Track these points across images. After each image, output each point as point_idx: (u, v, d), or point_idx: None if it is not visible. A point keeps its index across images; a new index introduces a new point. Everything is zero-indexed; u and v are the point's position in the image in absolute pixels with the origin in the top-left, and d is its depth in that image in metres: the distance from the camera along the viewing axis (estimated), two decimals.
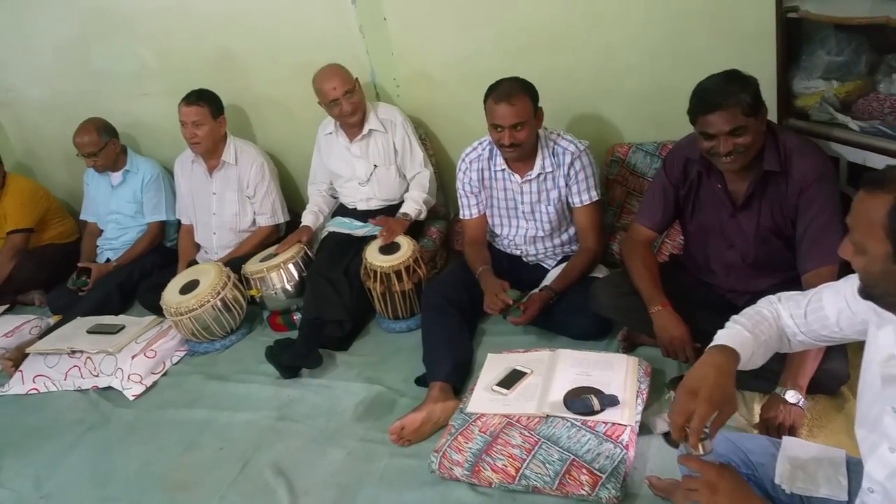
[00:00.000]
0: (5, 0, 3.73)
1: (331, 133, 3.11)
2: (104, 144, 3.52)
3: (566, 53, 2.87)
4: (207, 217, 3.41)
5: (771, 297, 1.58)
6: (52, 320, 3.41)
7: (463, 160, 2.76)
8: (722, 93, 1.95)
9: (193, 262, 3.30)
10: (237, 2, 3.28)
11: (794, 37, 2.36)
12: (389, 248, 2.84)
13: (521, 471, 1.95)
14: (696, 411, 1.35)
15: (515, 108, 2.42)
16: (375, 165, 3.07)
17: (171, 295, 2.96)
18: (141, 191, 3.63)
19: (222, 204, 3.36)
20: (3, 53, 3.95)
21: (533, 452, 1.98)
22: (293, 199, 3.61)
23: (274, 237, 3.39)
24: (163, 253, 3.69)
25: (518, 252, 2.78)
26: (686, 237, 2.39)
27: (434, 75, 3.16)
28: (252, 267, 3.04)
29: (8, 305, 3.64)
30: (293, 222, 3.46)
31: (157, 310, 3.20)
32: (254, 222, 3.40)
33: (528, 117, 2.45)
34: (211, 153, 3.29)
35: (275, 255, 3.08)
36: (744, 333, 1.48)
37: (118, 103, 3.79)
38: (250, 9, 3.27)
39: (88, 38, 3.69)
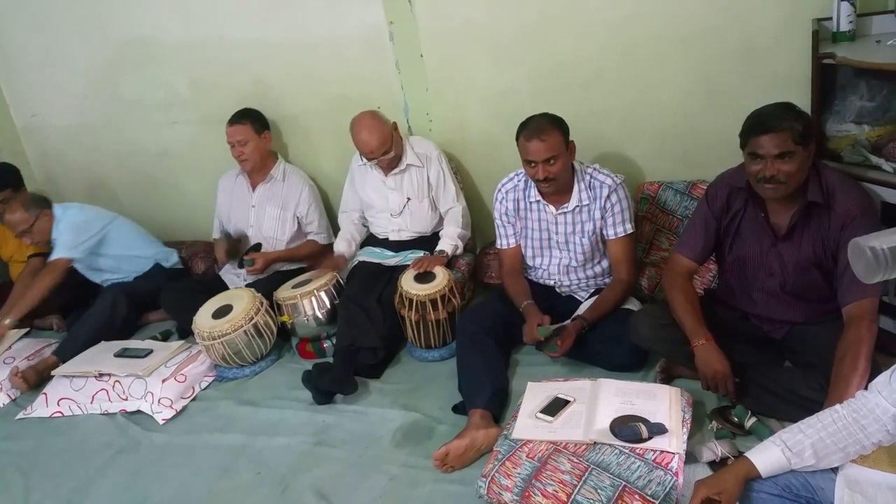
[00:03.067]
0: (38, 24, 3.81)
1: (365, 164, 3.16)
2: (36, 217, 3.37)
3: (600, 91, 2.97)
4: (244, 231, 3.46)
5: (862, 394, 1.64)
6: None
7: (499, 190, 2.82)
8: (776, 117, 2.04)
9: (258, 246, 3.38)
10: (274, 34, 3.37)
11: (826, 82, 2.46)
12: (425, 277, 2.88)
13: (572, 496, 1.96)
14: None
15: (546, 143, 2.50)
16: (409, 198, 3.12)
17: (203, 319, 2.96)
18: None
19: (260, 218, 3.40)
20: (29, 78, 4.01)
21: (583, 478, 1.99)
22: None
23: (326, 252, 3.40)
24: (166, 272, 3.67)
25: (552, 282, 2.82)
26: (722, 268, 2.44)
27: (468, 111, 3.24)
28: (284, 293, 3.06)
29: (27, 329, 3.60)
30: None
31: (177, 310, 3.27)
32: (292, 240, 3.44)
33: (559, 151, 2.52)
34: (258, 169, 3.36)
35: (307, 281, 3.10)
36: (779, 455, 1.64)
37: (145, 131, 3.86)
38: (287, 41, 3.36)
39: (120, 67, 3.77)
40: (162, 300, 3.41)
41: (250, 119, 3.29)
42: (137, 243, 3.66)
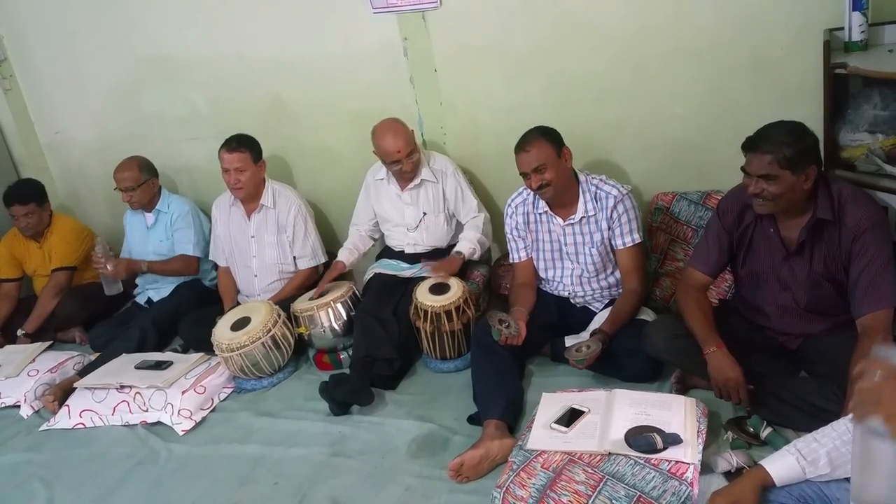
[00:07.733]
0: (62, 43, 3.90)
1: (382, 179, 3.20)
2: (143, 181, 3.57)
3: (613, 105, 2.98)
4: (248, 261, 3.44)
5: None
6: (94, 357, 3.45)
7: (509, 205, 2.86)
8: (766, 138, 2.06)
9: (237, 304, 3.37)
10: (291, 51, 3.42)
11: (839, 92, 2.46)
12: (440, 289, 2.90)
13: None
14: None
15: (531, 154, 2.58)
16: (424, 213, 3.15)
17: (222, 331, 3.01)
18: (171, 228, 3.67)
19: (262, 246, 3.39)
20: (53, 96, 4.10)
21: (598, 489, 2.00)
22: (331, 245, 3.63)
23: (314, 278, 3.42)
24: (199, 290, 3.73)
25: (566, 294, 2.84)
26: (737, 281, 2.45)
27: (481, 125, 3.27)
28: (301, 305, 3.10)
29: (50, 343, 3.67)
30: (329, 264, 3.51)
31: (197, 343, 3.28)
32: (295, 263, 3.45)
33: (547, 159, 2.58)
34: (251, 197, 3.34)
35: (324, 293, 3.14)
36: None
37: (166, 147, 3.91)
38: (304, 58, 3.41)
39: (141, 84, 3.84)
40: (181, 334, 3.45)
41: (248, 147, 3.25)
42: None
